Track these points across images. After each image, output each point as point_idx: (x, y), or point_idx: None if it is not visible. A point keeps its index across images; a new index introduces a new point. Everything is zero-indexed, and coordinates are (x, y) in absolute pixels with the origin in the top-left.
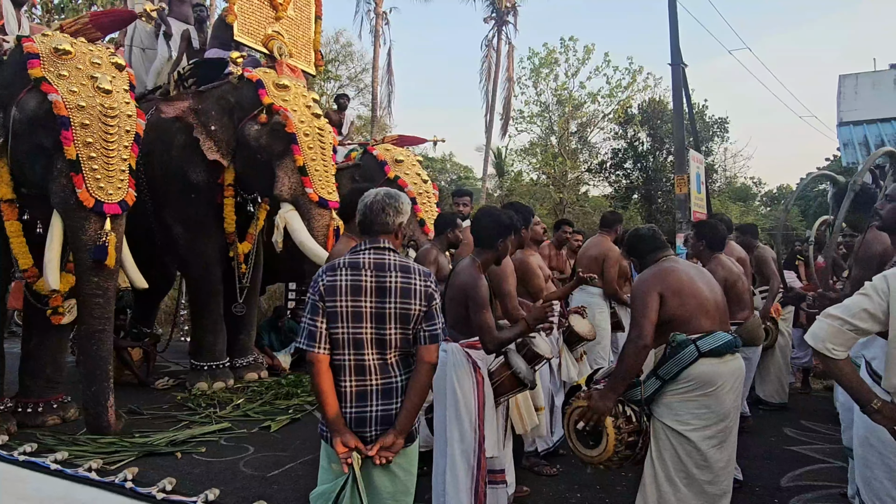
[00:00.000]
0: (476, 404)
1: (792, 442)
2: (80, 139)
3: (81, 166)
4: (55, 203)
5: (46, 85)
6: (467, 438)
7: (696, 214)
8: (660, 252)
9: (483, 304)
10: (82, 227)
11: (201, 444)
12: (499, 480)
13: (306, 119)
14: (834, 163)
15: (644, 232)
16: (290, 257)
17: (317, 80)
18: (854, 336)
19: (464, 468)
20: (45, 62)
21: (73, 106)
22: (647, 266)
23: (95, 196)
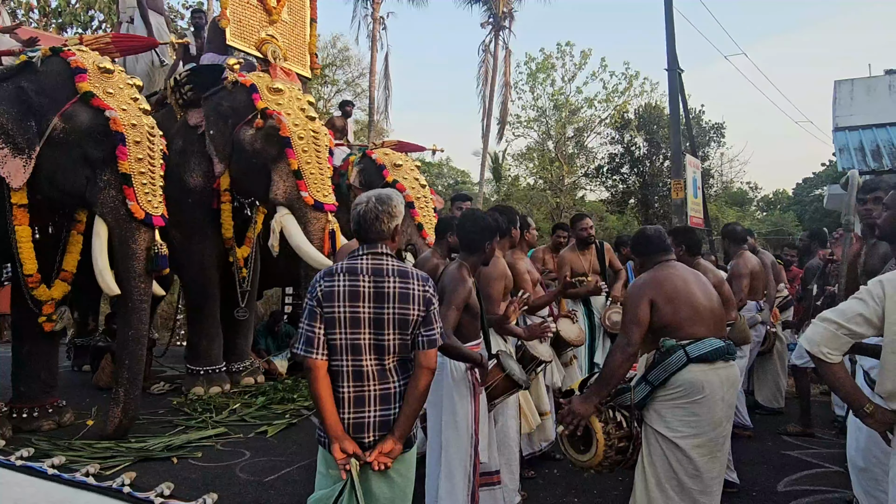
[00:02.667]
0: (472, 409)
1: (789, 447)
2: (133, 155)
3: (133, 180)
4: (103, 213)
5: (98, 100)
6: (463, 444)
7: (692, 219)
8: (662, 255)
9: (453, 301)
10: (133, 237)
11: (197, 448)
12: (495, 482)
13: (301, 122)
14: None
15: (650, 233)
16: (286, 261)
17: (314, 84)
18: (849, 340)
19: (460, 474)
20: (91, 77)
21: (126, 123)
22: (648, 267)
23: (145, 209)
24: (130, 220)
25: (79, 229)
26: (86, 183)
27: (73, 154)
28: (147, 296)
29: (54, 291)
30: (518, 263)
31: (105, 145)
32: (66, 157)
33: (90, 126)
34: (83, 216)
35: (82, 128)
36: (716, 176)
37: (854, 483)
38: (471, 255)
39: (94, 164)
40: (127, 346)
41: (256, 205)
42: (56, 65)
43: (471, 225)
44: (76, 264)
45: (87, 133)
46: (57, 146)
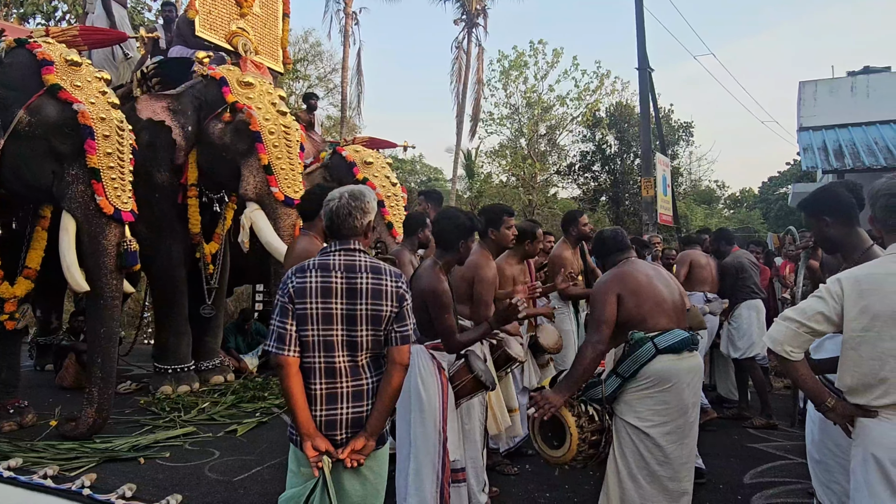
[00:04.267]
0: (440, 406)
1: (754, 439)
2: (102, 149)
3: (101, 175)
4: (72, 208)
5: (66, 93)
6: (431, 440)
7: (662, 217)
8: (622, 254)
9: (445, 308)
10: (103, 233)
11: (165, 448)
12: (461, 479)
13: (271, 117)
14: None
15: (607, 234)
16: (257, 258)
17: (285, 79)
18: (810, 338)
19: (429, 470)
20: (58, 70)
21: (95, 117)
22: (609, 266)
23: (114, 204)
24: (100, 216)
25: (43, 225)
26: (53, 178)
27: (39, 148)
28: (119, 292)
29: (17, 289)
30: (504, 267)
31: (73, 139)
32: (31, 152)
33: (57, 120)
34: (48, 212)
35: (49, 121)
36: (685, 174)
37: (812, 475)
38: (446, 254)
39: (62, 159)
40: (99, 344)
41: (226, 200)
42: (21, 57)
43: (446, 223)
44: (40, 261)
45: (53, 127)
46: (22, 140)
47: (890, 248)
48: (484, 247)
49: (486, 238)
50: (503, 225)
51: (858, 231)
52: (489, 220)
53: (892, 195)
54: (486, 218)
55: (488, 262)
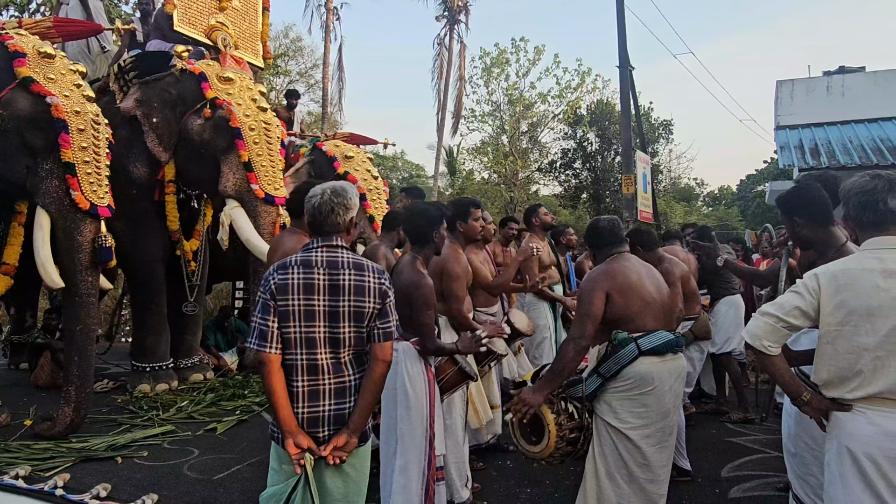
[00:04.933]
0: (428, 403)
1: (732, 433)
2: (77, 143)
3: (77, 169)
4: (46, 203)
5: (39, 86)
6: (418, 437)
7: (642, 214)
8: (615, 247)
9: (427, 304)
10: (78, 229)
11: (143, 447)
12: (440, 477)
13: (252, 113)
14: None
15: (603, 224)
16: (236, 255)
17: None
18: (787, 333)
19: (416, 468)
20: (30, 62)
21: (70, 110)
22: (601, 259)
23: (90, 199)
24: (75, 211)
25: (20, 221)
26: (26, 172)
27: (11, 142)
28: (95, 289)
29: None
30: (472, 257)
31: (46, 133)
32: (4, 146)
33: (30, 113)
34: (24, 207)
35: (21, 115)
36: (664, 172)
37: (788, 467)
38: (423, 248)
39: (36, 153)
40: (75, 342)
41: (204, 197)
42: None
43: (417, 218)
44: (18, 258)
45: (26, 120)
46: None
47: (864, 245)
48: (453, 241)
49: (455, 231)
50: (470, 217)
51: (832, 230)
52: (457, 213)
53: (863, 193)
54: (454, 211)
55: (457, 257)
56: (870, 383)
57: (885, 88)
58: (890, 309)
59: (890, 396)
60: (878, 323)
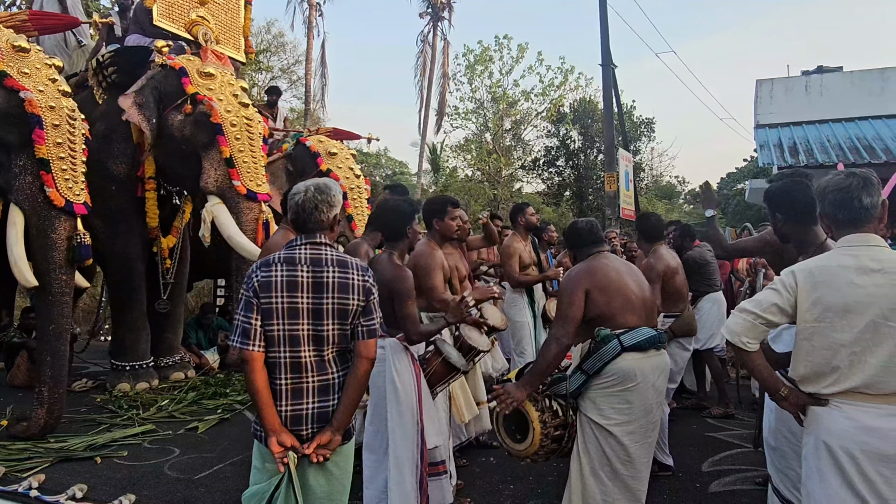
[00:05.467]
0: (416, 397)
1: (712, 428)
2: (52, 139)
3: (51, 166)
4: (19, 200)
5: (12, 80)
6: (409, 433)
7: (624, 211)
8: (595, 247)
9: (408, 295)
10: (52, 226)
11: (123, 447)
12: (441, 472)
13: (233, 109)
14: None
15: (582, 225)
16: (218, 252)
17: (248, 69)
18: (766, 329)
19: (409, 464)
20: (4, 56)
21: (44, 105)
22: (581, 259)
23: (65, 196)
24: (49, 208)
25: None
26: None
27: None
28: (69, 288)
29: None
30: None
31: (20, 128)
32: None
33: (3, 108)
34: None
35: None
36: (646, 169)
37: (768, 461)
38: (397, 243)
39: (9, 149)
40: (48, 341)
41: (185, 193)
42: None
43: (388, 213)
44: None
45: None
46: None
47: (840, 242)
48: (430, 238)
49: (432, 229)
50: (447, 215)
51: (814, 229)
52: (434, 210)
53: (838, 191)
54: (431, 209)
55: (431, 252)
56: (846, 379)
57: (861, 88)
58: (865, 305)
59: (865, 391)
60: (853, 319)
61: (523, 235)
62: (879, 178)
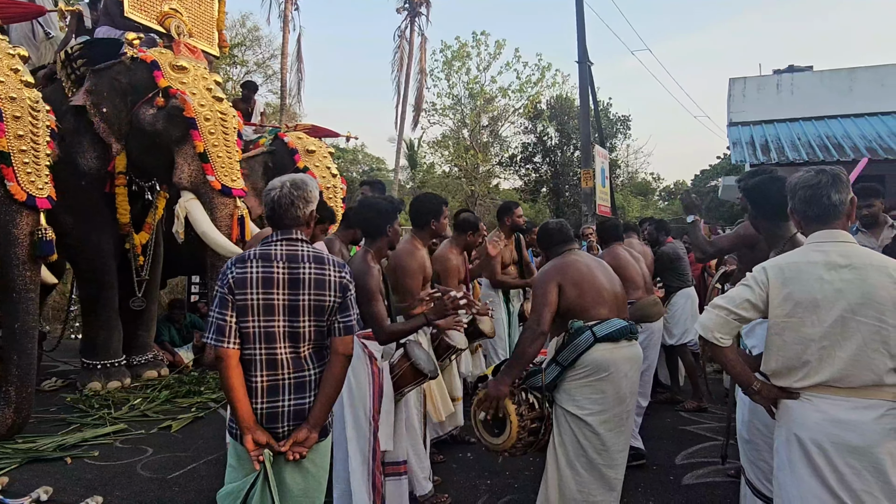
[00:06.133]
0: (371, 396)
1: (686, 422)
2: (13, 131)
3: (12, 159)
4: None
5: None
6: (362, 429)
7: (600, 207)
8: (565, 245)
9: (371, 295)
10: (14, 221)
11: (94, 447)
12: (402, 472)
13: (207, 103)
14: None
15: (552, 226)
16: (192, 248)
17: (222, 63)
18: (738, 325)
19: (359, 459)
20: None
21: (4, 97)
22: (552, 258)
23: (27, 190)
24: (10, 203)
25: None
26: None
27: None
28: (34, 284)
29: None
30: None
31: None
32: None
33: None
34: None
35: None
36: (622, 166)
37: (741, 453)
38: (375, 241)
39: None
40: (15, 340)
41: (157, 189)
42: None
43: (367, 211)
44: None
45: None
46: None
47: (810, 238)
48: (415, 236)
49: (426, 228)
50: (442, 216)
51: (785, 224)
52: (432, 211)
53: (808, 187)
54: (427, 209)
55: (414, 252)
56: (816, 372)
57: (830, 87)
58: (834, 300)
59: (835, 385)
60: (822, 314)
61: (507, 234)
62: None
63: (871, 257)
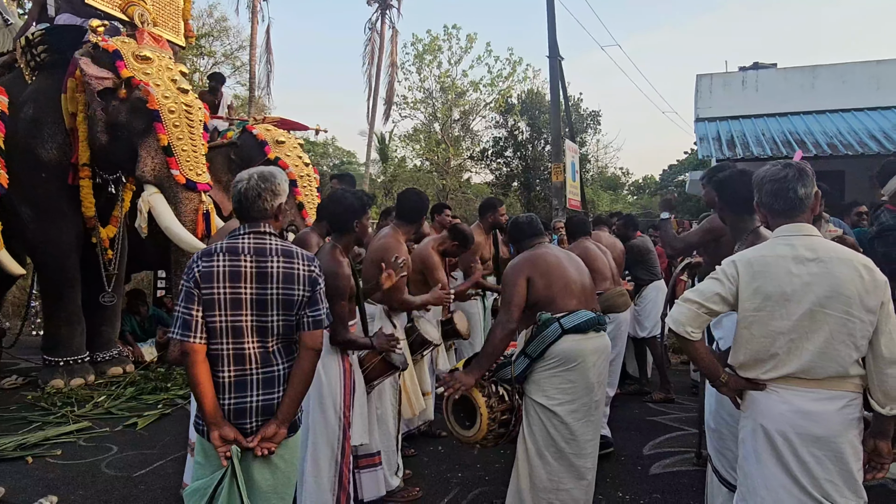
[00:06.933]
0: (342, 391)
1: (653, 413)
2: None
3: None
4: None
5: None
6: (331, 425)
7: (570, 202)
8: (535, 239)
9: (339, 294)
10: None
11: (56, 446)
12: (377, 463)
13: (172, 94)
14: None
15: (523, 220)
16: (156, 243)
17: (188, 54)
18: (708, 318)
19: (326, 456)
20: None
21: None
22: (522, 251)
23: None
24: None
25: None
26: None
27: None
28: None
29: None
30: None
31: None
32: None
33: None
34: None
35: None
36: (592, 161)
37: (708, 442)
38: (342, 236)
39: None
40: None
41: (123, 182)
42: None
43: (335, 206)
44: None
45: None
46: None
47: (777, 232)
48: (396, 230)
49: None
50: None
51: (749, 217)
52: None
53: (775, 181)
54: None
55: (399, 246)
56: (784, 365)
57: (792, 84)
58: (802, 294)
59: (801, 376)
60: (791, 308)
61: (486, 230)
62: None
63: (837, 251)
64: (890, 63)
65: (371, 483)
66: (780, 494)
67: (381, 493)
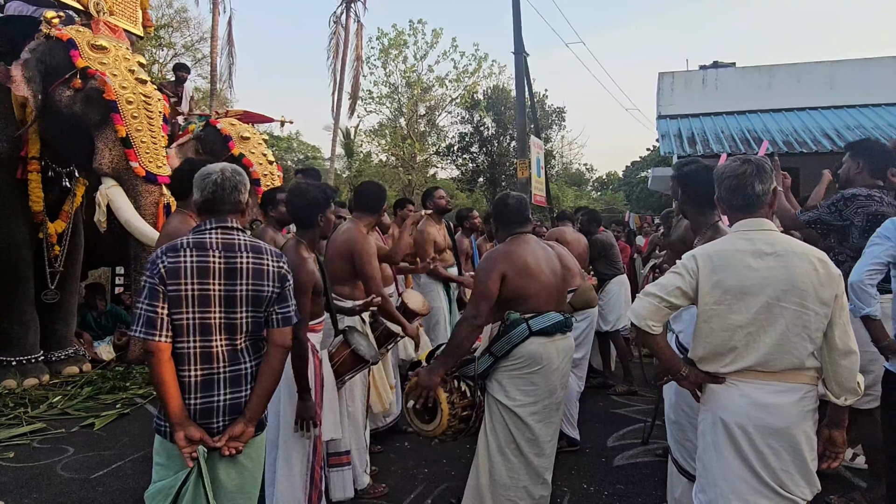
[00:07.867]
0: (312, 388)
1: (617, 405)
2: None
3: None
4: None
5: None
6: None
7: (536, 197)
8: (519, 227)
9: (303, 289)
10: None
11: (9, 448)
12: (344, 462)
13: (129, 85)
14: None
15: (511, 201)
16: (114, 238)
17: (147, 45)
18: (669, 312)
19: (298, 452)
20: None
21: None
22: (503, 237)
23: None
24: None
25: None
26: None
27: None
28: None
29: None
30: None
31: None
32: None
33: None
34: None
35: None
36: (557, 157)
37: (668, 433)
38: (307, 232)
39: None
40: None
41: (76, 175)
42: None
43: (298, 200)
44: None
45: None
46: None
47: (735, 226)
48: (357, 222)
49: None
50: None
51: (710, 212)
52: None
53: (734, 177)
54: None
55: (366, 238)
56: (742, 358)
57: (751, 83)
58: (760, 288)
59: (759, 369)
60: (749, 301)
61: (436, 220)
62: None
63: (793, 245)
64: (844, 64)
65: (339, 483)
66: (738, 485)
67: (349, 495)
